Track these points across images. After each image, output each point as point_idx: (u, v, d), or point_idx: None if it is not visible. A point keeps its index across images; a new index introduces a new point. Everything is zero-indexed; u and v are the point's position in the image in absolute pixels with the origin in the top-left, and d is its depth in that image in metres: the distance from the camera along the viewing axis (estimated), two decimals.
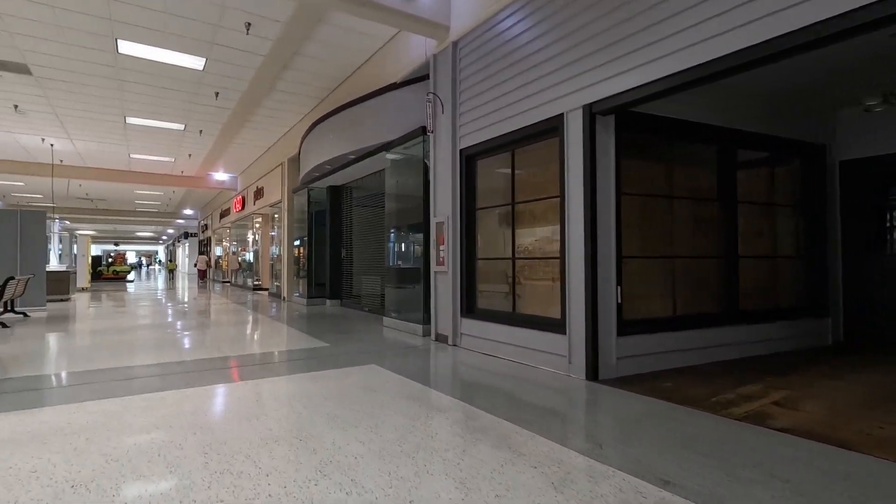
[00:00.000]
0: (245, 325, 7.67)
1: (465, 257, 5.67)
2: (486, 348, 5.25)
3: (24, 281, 8.49)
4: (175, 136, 12.27)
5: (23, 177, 16.66)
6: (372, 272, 9.61)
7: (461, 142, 5.72)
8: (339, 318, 8.53)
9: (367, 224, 9.88)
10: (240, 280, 19.83)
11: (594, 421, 3.15)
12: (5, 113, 10.27)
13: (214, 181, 18.20)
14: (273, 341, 6.19)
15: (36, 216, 9.64)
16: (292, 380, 4.09)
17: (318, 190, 11.16)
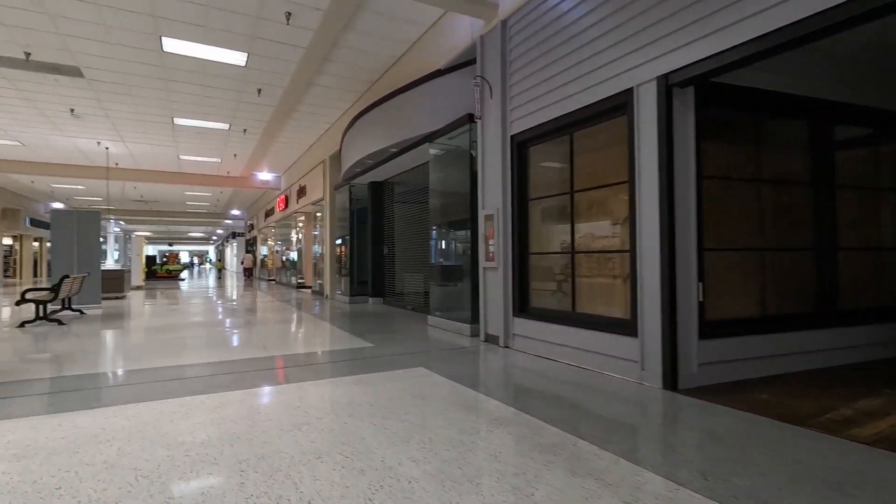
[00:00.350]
0: (288, 324, 7.54)
1: (518, 252, 5.25)
2: (542, 350, 4.82)
3: (80, 279, 8.73)
4: (220, 135, 12.42)
5: (83, 180, 17.48)
6: (415, 269, 9.33)
7: (512, 127, 5.30)
8: (382, 317, 8.28)
9: (410, 220, 9.60)
10: (284, 278, 20.12)
11: (686, 442, 2.68)
12: (63, 118, 10.64)
13: (259, 181, 18.50)
14: (316, 341, 5.98)
15: (91, 216, 9.93)
16: (336, 383, 3.81)
17: (359, 186, 10.99)
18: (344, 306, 10.31)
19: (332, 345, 5.65)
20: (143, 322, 7.75)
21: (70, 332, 6.64)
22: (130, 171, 16.53)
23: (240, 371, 4.24)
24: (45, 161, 15.16)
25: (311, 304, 11.12)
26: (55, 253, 9.65)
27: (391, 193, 10.54)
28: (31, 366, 4.49)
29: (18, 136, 12.17)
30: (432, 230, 7.30)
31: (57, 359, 4.83)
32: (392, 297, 10.40)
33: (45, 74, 8.21)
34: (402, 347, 5.34)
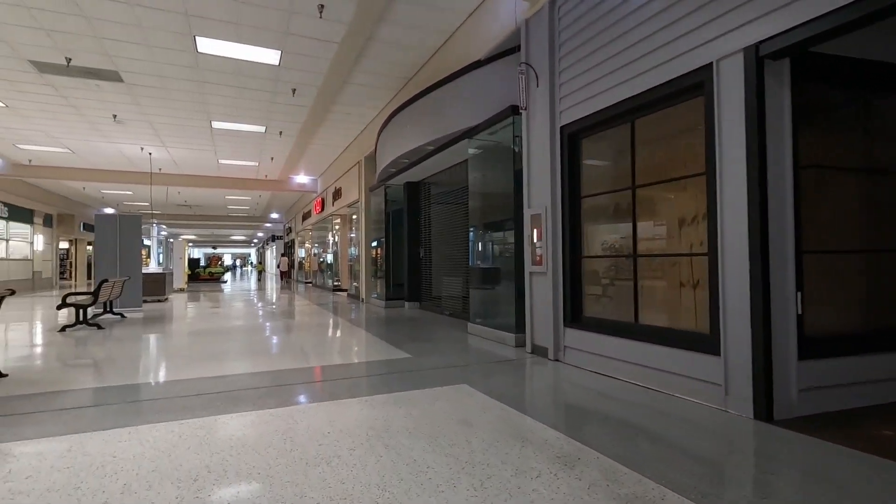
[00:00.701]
0: (322, 330, 7.27)
1: (569, 255, 4.74)
2: (599, 366, 4.29)
3: (121, 283, 8.77)
4: (257, 138, 12.41)
5: (130, 186, 18.02)
6: (452, 273, 8.91)
7: (561, 118, 4.79)
8: (418, 323, 7.90)
9: (447, 222, 9.20)
10: (321, 280, 20.15)
11: (809, 497, 2.12)
12: (107, 123, 10.84)
13: (296, 184, 18.58)
14: (351, 350, 5.65)
15: (132, 220, 10.03)
16: (372, 403, 3.42)
17: (394, 187, 10.69)
18: (380, 311, 10.01)
19: (368, 355, 5.29)
20: (179, 327, 7.66)
21: (106, 337, 6.57)
22: (173, 176, 16.90)
23: (268, 385, 3.92)
24: (93, 167, 15.67)
25: (347, 308, 10.89)
26: (99, 256, 9.78)
27: (427, 194, 10.17)
28: (60, 375, 4.33)
29: (67, 143, 12.54)
30: (472, 232, 6.85)
31: (86, 367, 4.67)
32: (429, 302, 10.02)
33: (87, 80, 8.29)
34: (442, 359, 4.92)
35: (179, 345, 5.92)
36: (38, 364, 4.82)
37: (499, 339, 5.85)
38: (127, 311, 9.76)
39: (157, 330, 7.26)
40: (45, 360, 5.00)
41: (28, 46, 7.02)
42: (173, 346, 5.86)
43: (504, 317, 5.92)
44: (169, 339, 6.42)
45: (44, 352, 5.48)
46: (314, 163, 15.69)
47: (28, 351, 5.53)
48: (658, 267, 3.97)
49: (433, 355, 5.13)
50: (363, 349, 5.65)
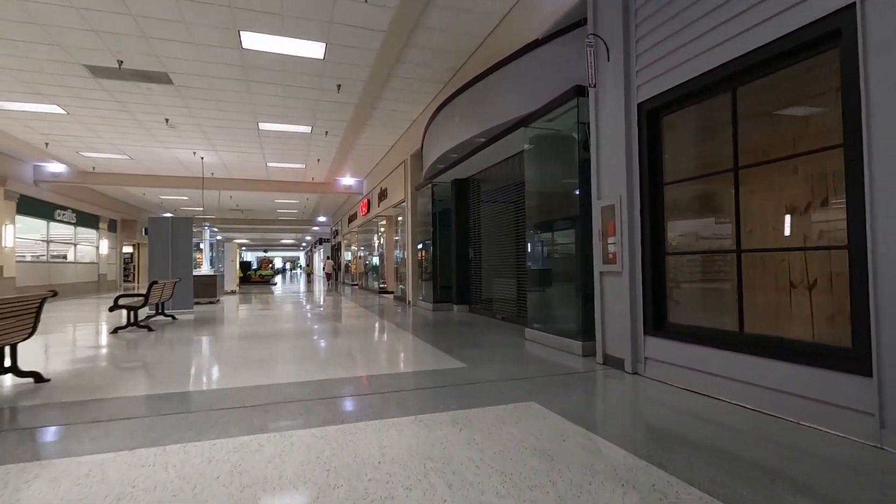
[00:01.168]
0: (369, 334, 6.90)
1: (651, 252, 4.09)
2: (690, 382, 3.62)
3: (171, 285, 8.79)
4: (303, 139, 12.33)
5: (185, 190, 18.58)
6: (504, 274, 8.35)
7: (639, 93, 4.16)
8: (469, 328, 7.39)
9: (498, 220, 8.65)
10: (367, 283, 20.06)
11: None
12: (160, 128, 11.04)
13: (342, 186, 18.57)
14: (399, 357, 5.21)
15: (183, 223, 10.11)
16: (427, 424, 2.93)
17: (442, 186, 10.25)
18: (427, 314, 9.59)
19: (419, 363, 4.83)
20: (226, 330, 7.52)
21: (154, 339, 6.47)
22: (224, 181, 17.25)
23: (313, 397, 3.53)
24: (150, 173, 16.21)
25: (394, 311, 10.54)
26: (152, 259, 9.91)
27: (477, 192, 9.66)
28: (101, 380, 4.13)
29: (126, 149, 12.95)
30: (529, 229, 6.28)
31: (128, 373, 4.46)
32: (479, 305, 9.49)
33: (139, 83, 8.36)
34: (501, 370, 4.38)
35: (224, 349, 5.69)
36: (82, 368, 4.67)
37: (562, 347, 5.24)
38: (178, 313, 9.82)
39: (205, 333, 7.13)
40: (90, 364, 4.86)
41: (81, 50, 7.08)
42: (218, 350, 5.64)
43: (568, 322, 5.31)
44: (215, 342, 6.23)
45: (91, 355, 5.38)
46: (359, 164, 15.55)
47: (77, 354, 5.45)
48: (770, 263, 3.27)
49: (490, 365, 4.60)
50: (413, 356, 5.20)
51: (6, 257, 13.80)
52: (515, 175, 7.75)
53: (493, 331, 6.98)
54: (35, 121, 10.44)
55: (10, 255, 13.99)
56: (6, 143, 12.32)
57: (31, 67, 7.68)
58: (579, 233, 5.07)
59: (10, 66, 7.62)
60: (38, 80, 8.18)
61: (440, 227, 10.48)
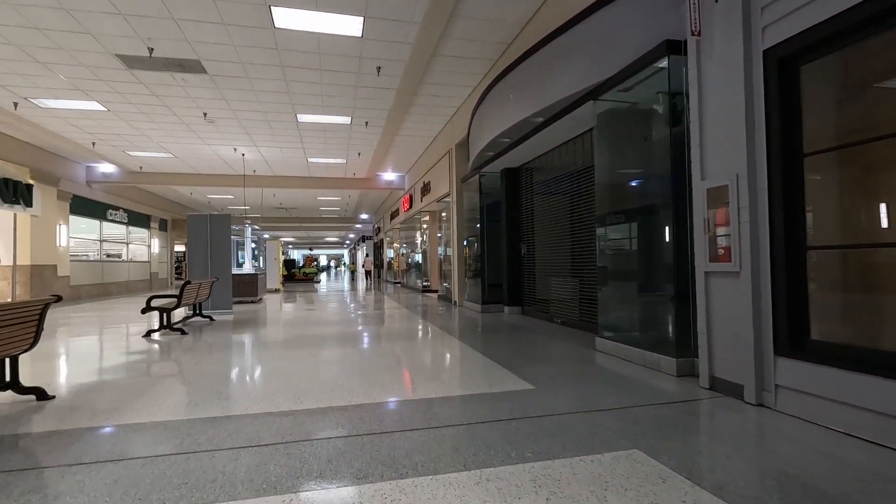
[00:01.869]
0: (414, 342, 6.16)
1: (784, 246, 3.09)
2: (853, 423, 2.62)
3: (208, 284, 8.40)
4: (343, 132, 11.78)
5: (230, 189, 18.61)
6: (563, 273, 7.41)
7: (766, 37, 3.16)
8: (526, 334, 6.52)
9: (556, 212, 7.71)
10: (410, 281, 19.48)
11: None
12: (200, 124, 10.76)
13: (383, 181, 18.04)
14: (451, 373, 4.42)
15: (222, 220, 9.76)
16: (498, 487, 2.12)
17: (490, 176, 9.39)
18: (475, 316, 8.77)
19: (475, 383, 4.02)
20: (263, 333, 6.99)
21: (185, 345, 5.99)
22: (266, 178, 17.08)
23: (346, 433, 2.79)
24: (195, 172, 16.22)
25: (439, 312, 9.79)
26: (192, 257, 9.61)
27: (529, 182, 8.74)
28: (108, 399, 3.57)
29: (168, 147, 12.85)
30: (600, 220, 5.33)
31: (141, 389, 3.90)
32: (532, 307, 8.58)
33: (173, 74, 7.98)
34: (580, 395, 3.50)
35: (256, 359, 5.10)
36: (95, 382, 4.17)
37: (649, 364, 4.29)
38: (217, 314, 9.48)
39: (239, 337, 6.61)
40: (105, 377, 4.35)
41: (111, 38, 6.71)
42: (248, 360, 5.05)
43: (655, 332, 4.35)
44: (246, 350, 5.66)
45: (111, 365, 4.91)
46: (401, 158, 14.92)
47: (97, 363, 5.00)
48: None
49: (564, 387, 3.73)
50: (466, 373, 4.39)
51: (60, 256, 14.09)
52: (578, 160, 6.80)
53: (554, 338, 6.07)
54: (80, 119, 10.38)
55: (64, 255, 14.29)
56: (57, 144, 12.48)
57: (66, 60, 7.43)
58: (670, 223, 4.10)
59: (46, 60, 7.39)
60: (76, 74, 7.94)
61: (488, 221, 9.63)
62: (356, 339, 6.33)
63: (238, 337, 6.60)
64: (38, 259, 12.94)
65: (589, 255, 6.50)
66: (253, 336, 6.67)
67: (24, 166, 12.40)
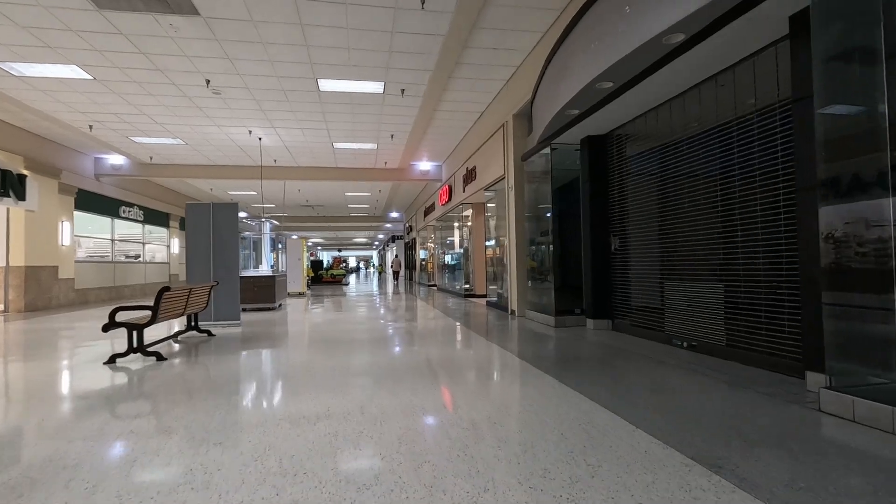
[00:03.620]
0: (484, 380, 4.07)
1: None
2: None
3: (205, 291, 6.54)
4: (374, 105, 9.82)
5: (248, 182, 16.97)
6: (697, 274, 5.18)
7: None
8: (643, 365, 4.33)
9: (677, 189, 5.50)
10: (446, 283, 17.39)
11: None
12: (204, 96, 8.99)
13: (418, 172, 16.06)
14: (583, 460, 2.30)
15: (227, 209, 7.92)
16: None
17: (564, 150, 7.23)
18: (547, 331, 6.62)
19: (634, 486, 1.89)
20: (269, 358, 5.04)
21: (152, 385, 4.07)
22: (289, 169, 15.35)
23: None
24: (211, 163, 14.57)
25: (492, 325, 7.67)
26: (191, 257, 7.80)
27: (621, 153, 6.54)
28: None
29: (175, 130, 11.19)
30: (832, 184, 3.10)
31: (60, 462, 1.94)
32: (628, 320, 6.37)
33: (157, 17, 6.15)
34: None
35: (250, 401, 3.11)
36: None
37: None
38: (221, 326, 7.63)
39: (236, 368, 4.67)
40: (22, 435, 2.43)
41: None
42: (241, 401, 3.06)
43: None
44: (242, 384, 3.69)
45: (41, 411, 2.99)
46: (439, 141, 12.88)
47: (25, 407, 3.10)
48: None
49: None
50: (608, 459, 2.25)
51: (63, 257, 12.65)
52: (743, 99, 4.58)
53: (695, 373, 3.87)
54: (66, 92, 8.75)
55: (68, 255, 12.85)
56: (52, 129, 10.99)
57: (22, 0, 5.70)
58: None
59: None
60: (40, 23, 6.22)
61: (562, 208, 7.47)
62: (395, 370, 4.28)
63: (234, 367, 4.65)
64: (34, 259, 11.48)
65: (756, 247, 4.28)
66: (255, 366, 4.72)
67: (17, 154, 10.95)
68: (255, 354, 5.27)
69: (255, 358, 5.06)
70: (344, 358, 4.96)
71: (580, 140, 6.94)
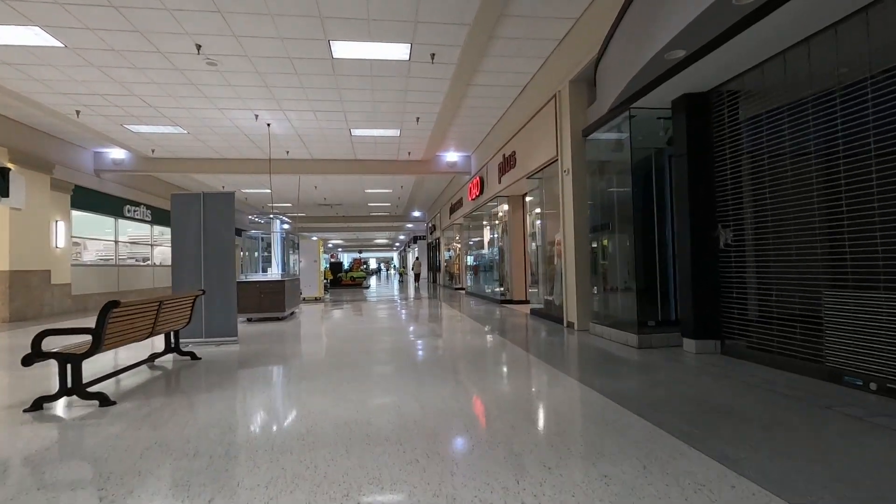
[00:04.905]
0: (559, 443, 2.45)
1: None
2: None
3: (185, 304, 5.07)
4: (398, 77, 8.29)
5: (258, 177, 15.67)
6: (870, 278, 3.47)
7: None
8: (840, 424, 2.65)
9: (833, 160, 3.80)
10: (477, 287, 15.75)
11: None
12: (198, 69, 7.59)
13: (444, 164, 14.50)
14: None
15: (221, 199, 6.47)
16: None
17: (645, 118, 5.56)
18: (630, 355, 4.94)
19: None
20: (266, 397, 3.52)
21: (95, 438, 2.57)
22: (303, 162, 13.96)
23: None
24: (219, 156, 13.25)
25: (556, 345, 6.03)
26: (177, 257, 6.38)
27: (736, 115, 4.83)
28: None
29: (173, 116, 9.86)
30: None
31: None
32: (753, 341, 4.65)
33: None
34: None
35: (223, 495, 1.57)
36: None
37: None
38: (215, 343, 6.18)
39: (216, 409, 3.15)
40: None
41: None
42: (209, 495, 1.53)
43: None
44: (214, 455, 2.16)
45: None
46: (471, 126, 11.27)
47: None
48: None
49: None
50: None
51: (57, 261, 11.48)
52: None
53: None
54: (35, 65, 7.46)
55: (62, 259, 11.68)
56: (38, 117, 9.79)
57: None
58: None
59: None
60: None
61: (641, 188, 5.79)
62: (436, 419, 2.69)
63: (209, 418, 3.13)
64: (21, 263, 10.29)
65: None
66: (240, 416, 3.20)
67: (0, 145, 9.79)
68: (244, 391, 3.76)
69: (243, 400, 3.54)
70: (359, 401, 3.40)
71: (672, 102, 5.26)
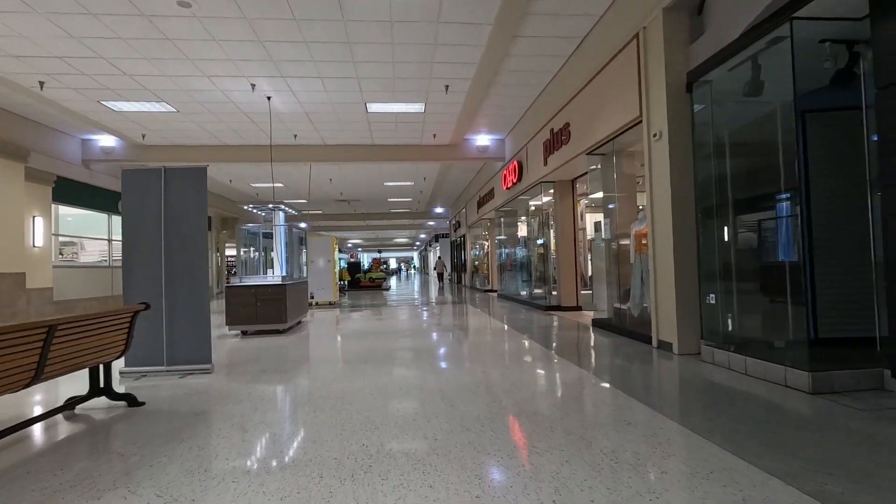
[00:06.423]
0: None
1: None
2: None
3: (117, 321, 3.33)
4: (425, 20, 6.47)
5: (262, 165, 14.05)
6: None
7: None
8: None
9: None
10: (512, 289, 13.80)
11: None
12: (171, 16, 5.90)
13: (474, 149, 12.65)
14: None
15: (191, 176, 4.74)
16: None
17: (805, 37, 3.59)
18: (801, 407, 3.01)
19: None
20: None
21: None
22: (312, 148, 12.28)
23: None
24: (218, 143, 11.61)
25: (664, 382, 4.11)
26: (127, 258, 4.67)
27: None
28: None
29: (155, 88, 8.23)
30: None
31: None
32: None
33: None
34: None
35: None
36: None
37: None
38: (179, 374, 4.44)
39: None
40: None
41: None
42: None
43: None
44: None
45: None
46: (510, 98, 9.37)
47: None
48: None
49: None
50: None
51: (35, 262, 10.02)
52: None
53: None
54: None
55: (41, 260, 10.22)
56: (3, 93, 8.28)
57: None
58: None
59: None
60: None
61: (827, 145, 3.81)
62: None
63: None
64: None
65: None
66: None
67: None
68: (173, 495, 1.98)
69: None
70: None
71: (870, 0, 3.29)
